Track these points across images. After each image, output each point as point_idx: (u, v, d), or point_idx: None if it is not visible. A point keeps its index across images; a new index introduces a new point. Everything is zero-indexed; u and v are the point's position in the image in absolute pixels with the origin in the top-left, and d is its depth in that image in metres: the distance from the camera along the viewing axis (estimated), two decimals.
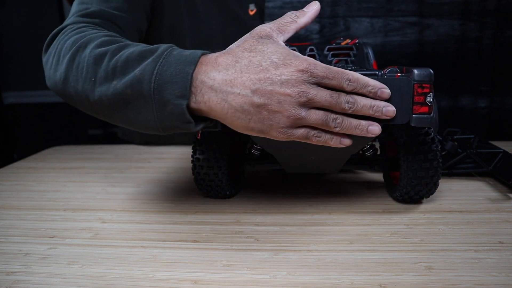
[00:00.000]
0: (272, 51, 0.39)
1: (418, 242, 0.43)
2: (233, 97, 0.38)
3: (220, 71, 0.39)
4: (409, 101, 0.41)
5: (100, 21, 0.55)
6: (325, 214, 0.51)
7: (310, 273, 0.38)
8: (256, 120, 0.39)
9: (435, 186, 0.51)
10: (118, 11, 0.58)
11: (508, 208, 0.51)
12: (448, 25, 0.96)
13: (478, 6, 0.93)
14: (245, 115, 0.39)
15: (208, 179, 0.54)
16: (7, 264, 0.42)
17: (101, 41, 0.45)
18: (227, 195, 0.57)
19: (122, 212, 0.54)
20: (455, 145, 0.63)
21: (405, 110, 0.41)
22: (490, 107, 0.98)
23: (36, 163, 0.81)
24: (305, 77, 0.38)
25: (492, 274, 0.37)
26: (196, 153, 0.54)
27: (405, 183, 0.50)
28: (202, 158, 0.53)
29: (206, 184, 0.55)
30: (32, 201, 0.60)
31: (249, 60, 0.39)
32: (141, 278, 0.38)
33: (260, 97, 0.38)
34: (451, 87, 0.98)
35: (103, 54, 0.43)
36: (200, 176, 0.54)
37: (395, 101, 0.41)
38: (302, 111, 0.38)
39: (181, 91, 0.38)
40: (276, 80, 0.38)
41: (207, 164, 0.53)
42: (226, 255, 0.42)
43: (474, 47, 0.95)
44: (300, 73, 0.38)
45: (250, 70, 0.38)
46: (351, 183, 0.62)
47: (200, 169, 0.54)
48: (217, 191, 0.56)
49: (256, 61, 0.38)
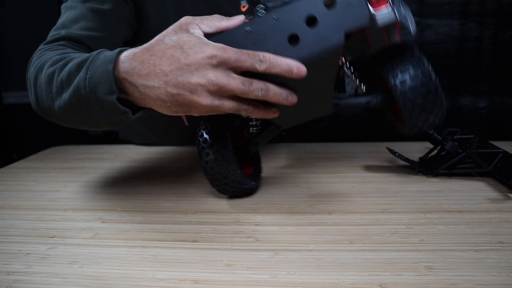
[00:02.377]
0: (184, 41, 0.40)
1: (418, 242, 0.43)
2: (150, 89, 0.41)
3: (136, 66, 0.41)
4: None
5: (65, 42, 0.57)
6: (325, 214, 0.51)
7: (310, 273, 0.38)
8: (176, 106, 0.41)
9: (440, 106, 0.49)
10: (88, 30, 0.59)
11: (508, 208, 0.51)
12: (448, 25, 0.95)
13: (478, 6, 0.93)
14: (165, 103, 0.41)
15: (223, 178, 0.53)
16: (7, 264, 0.42)
17: (52, 61, 0.50)
18: (252, 185, 0.56)
19: (122, 212, 0.54)
20: (455, 145, 0.63)
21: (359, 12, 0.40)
22: (490, 107, 0.98)
23: (36, 163, 0.81)
24: (215, 63, 0.39)
25: (492, 274, 0.37)
26: (202, 157, 0.52)
27: (402, 105, 0.49)
28: (210, 160, 0.52)
29: (223, 183, 0.54)
30: (32, 201, 0.60)
31: (163, 52, 0.40)
32: (141, 278, 0.38)
33: (173, 88, 0.40)
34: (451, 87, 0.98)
35: (52, 73, 0.48)
36: (215, 177, 0.53)
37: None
38: (214, 100, 0.40)
39: (109, 88, 0.42)
40: (187, 70, 0.39)
41: (217, 164, 0.52)
42: (226, 255, 0.42)
43: (474, 47, 0.95)
44: (209, 59, 0.39)
45: (163, 62, 0.40)
46: (351, 183, 0.62)
47: (211, 170, 0.52)
48: (237, 187, 0.55)
49: (170, 53, 0.40)
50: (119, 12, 0.63)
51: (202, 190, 0.61)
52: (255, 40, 0.40)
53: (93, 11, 0.60)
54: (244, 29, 0.41)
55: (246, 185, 0.55)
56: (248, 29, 0.41)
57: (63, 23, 0.60)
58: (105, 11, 0.61)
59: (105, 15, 0.61)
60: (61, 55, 0.51)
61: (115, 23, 0.63)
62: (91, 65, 0.44)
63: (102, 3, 0.61)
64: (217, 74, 0.39)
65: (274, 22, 0.40)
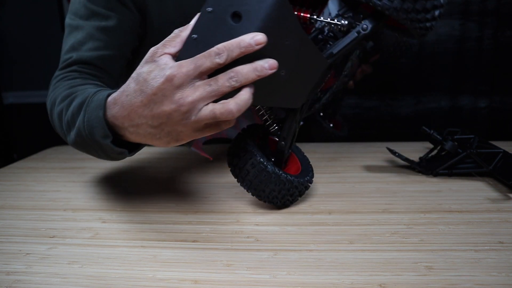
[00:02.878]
0: (147, 72, 0.40)
1: (418, 242, 0.43)
2: (136, 128, 0.42)
3: (118, 111, 0.43)
4: None
5: (77, 67, 0.59)
6: (325, 214, 0.51)
7: (310, 273, 0.38)
8: (165, 135, 0.42)
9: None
10: (97, 50, 0.60)
11: (508, 208, 0.51)
12: (448, 25, 0.96)
13: (478, 6, 0.93)
14: (154, 136, 0.42)
15: (262, 184, 0.50)
16: (7, 264, 0.42)
17: (62, 97, 0.53)
18: (305, 182, 0.53)
19: (122, 212, 0.54)
20: (455, 145, 0.63)
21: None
22: (490, 107, 0.98)
23: (36, 163, 0.81)
24: (177, 83, 0.38)
25: (492, 274, 0.37)
26: (236, 173, 0.51)
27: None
28: (246, 168, 0.50)
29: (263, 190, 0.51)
30: (32, 201, 0.60)
31: (134, 90, 0.41)
32: (141, 278, 0.38)
33: (154, 120, 0.41)
34: (451, 87, 0.98)
35: (61, 111, 0.52)
36: (255, 187, 0.51)
37: None
38: (192, 116, 0.39)
39: (103, 133, 0.44)
40: (156, 100, 0.39)
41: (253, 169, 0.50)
42: (226, 255, 0.42)
43: (474, 47, 0.95)
44: (169, 82, 0.38)
45: (136, 99, 0.40)
46: (351, 183, 0.62)
47: (249, 183, 0.51)
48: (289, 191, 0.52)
49: (138, 88, 0.40)
50: (125, 24, 0.63)
51: (202, 190, 0.61)
52: (206, 42, 0.39)
53: (99, 30, 0.60)
54: (191, 38, 0.40)
55: (301, 184, 0.52)
56: (194, 37, 0.40)
57: (73, 45, 0.61)
58: (111, 28, 0.61)
59: (111, 32, 0.61)
60: (69, 90, 0.54)
61: (122, 37, 0.63)
62: (87, 108, 0.46)
63: (106, 20, 0.61)
64: (183, 93, 0.38)
65: (210, 15, 0.40)
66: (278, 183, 0.50)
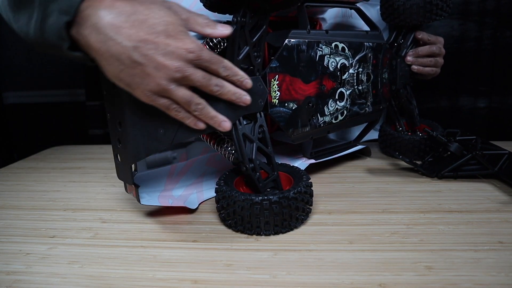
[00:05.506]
0: (170, 22, 0.40)
1: (418, 242, 0.43)
2: (113, 43, 0.38)
3: (111, 13, 0.38)
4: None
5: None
6: (325, 214, 0.51)
7: (310, 273, 0.38)
8: (127, 73, 0.40)
9: None
10: None
11: (508, 208, 0.51)
12: (447, 25, 0.96)
13: (478, 6, 0.93)
14: (119, 64, 0.39)
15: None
16: (7, 264, 0.42)
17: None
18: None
19: (122, 212, 0.54)
20: (460, 147, 0.62)
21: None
22: (490, 107, 0.98)
23: (36, 163, 0.81)
24: (190, 57, 0.40)
25: (491, 274, 0.37)
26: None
27: None
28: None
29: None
30: (32, 201, 0.60)
31: (146, 18, 0.39)
32: (141, 278, 0.39)
33: (139, 56, 0.39)
34: (450, 87, 0.98)
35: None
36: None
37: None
38: (172, 85, 0.41)
39: (66, 8, 0.38)
40: (161, 48, 0.39)
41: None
42: (226, 255, 0.42)
43: (473, 47, 0.95)
44: (186, 51, 0.40)
45: (142, 27, 0.39)
46: (351, 183, 0.62)
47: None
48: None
49: (152, 22, 0.39)
50: None
51: None
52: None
53: None
54: None
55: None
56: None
57: None
58: None
59: None
60: None
61: None
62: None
63: None
64: (186, 64, 0.40)
65: None
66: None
